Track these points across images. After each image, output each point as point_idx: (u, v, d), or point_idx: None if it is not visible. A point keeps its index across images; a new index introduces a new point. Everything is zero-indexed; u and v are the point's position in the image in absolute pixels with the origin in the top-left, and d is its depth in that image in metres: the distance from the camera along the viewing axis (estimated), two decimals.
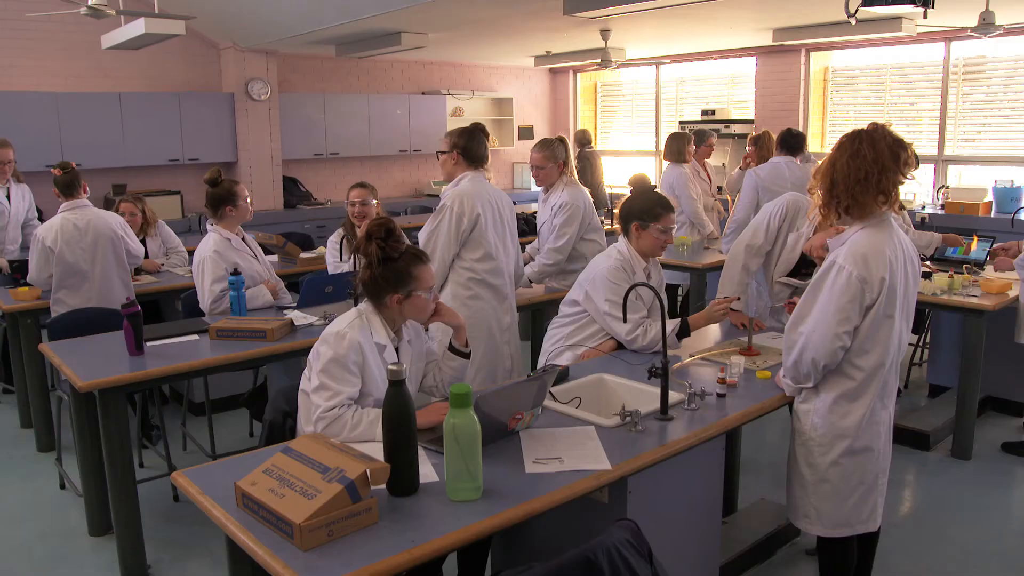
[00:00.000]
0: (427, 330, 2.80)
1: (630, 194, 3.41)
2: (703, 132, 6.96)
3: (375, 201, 4.74)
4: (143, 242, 5.47)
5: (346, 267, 4.69)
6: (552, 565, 1.65)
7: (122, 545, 3.33)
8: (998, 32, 6.12)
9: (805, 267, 3.69)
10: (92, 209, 4.68)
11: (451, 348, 2.78)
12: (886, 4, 4.34)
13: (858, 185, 2.51)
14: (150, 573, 3.39)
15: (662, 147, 10.84)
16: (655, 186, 3.49)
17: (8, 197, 5.48)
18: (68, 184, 4.62)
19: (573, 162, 4.76)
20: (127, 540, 3.32)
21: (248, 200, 4.25)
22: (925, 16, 4.48)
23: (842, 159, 2.55)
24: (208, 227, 4.23)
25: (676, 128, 9.92)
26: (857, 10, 4.38)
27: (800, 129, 9.19)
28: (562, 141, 4.67)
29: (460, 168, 3.82)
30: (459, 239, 3.73)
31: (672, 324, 3.26)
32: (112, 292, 4.62)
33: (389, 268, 2.51)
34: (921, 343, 5.79)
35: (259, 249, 4.42)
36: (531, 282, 4.63)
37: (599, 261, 3.36)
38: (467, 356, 2.78)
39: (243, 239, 4.32)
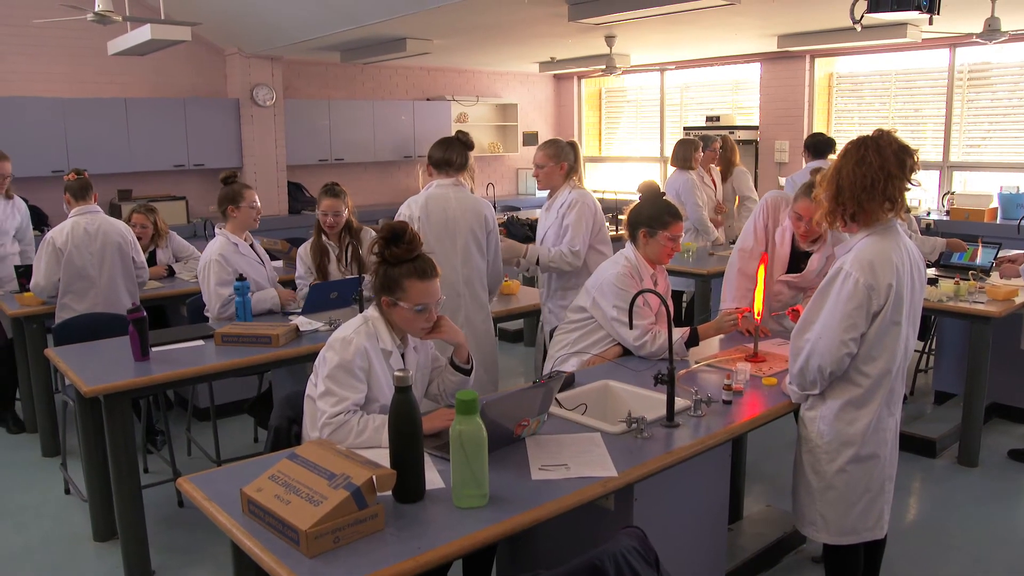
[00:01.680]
0: None
1: (639, 201, 3.41)
2: (708, 138, 6.97)
3: (346, 210, 4.49)
4: (153, 253, 5.49)
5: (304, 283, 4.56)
6: (559, 572, 1.64)
7: (127, 550, 3.33)
8: (1003, 38, 6.11)
9: (802, 260, 3.71)
10: (103, 215, 4.73)
11: (452, 364, 2.77)
12: (891, 10, 4.33)
13: (864, 192, 2.51)
14: None
15: (666, 153, 10.88)
16: (664, 193, 3.48)
17: None
18: (81, 188, 4.70)
19: (582, 168, 4.43)
20: (132, 545, 3.32)
21: (255, 206, 4.24)
22: (931, 22, 4.46)
23: (848, 166, 2.54)
24: (216, 230, 4.24)
25: (681, 134, 9.93)
26: (862, 16, 4.38)
27: (806, 134, 9.23)
28: (571, 144, 4.37)
29: (433, 176, 3.79)
30: None
31: (682, 332, 3.25)
32: (118, 299, 4.63)
33: (386, 272, 2.52)
34: (927, 350, 5.78)
35: (266, 256, 4.43)
36: (527, 267, 4.31)
37: (606, 267, 3.36)
38: (467, 373, 2.77)
39: (252, 245, 4.33)
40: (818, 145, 6.12)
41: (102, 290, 4.62)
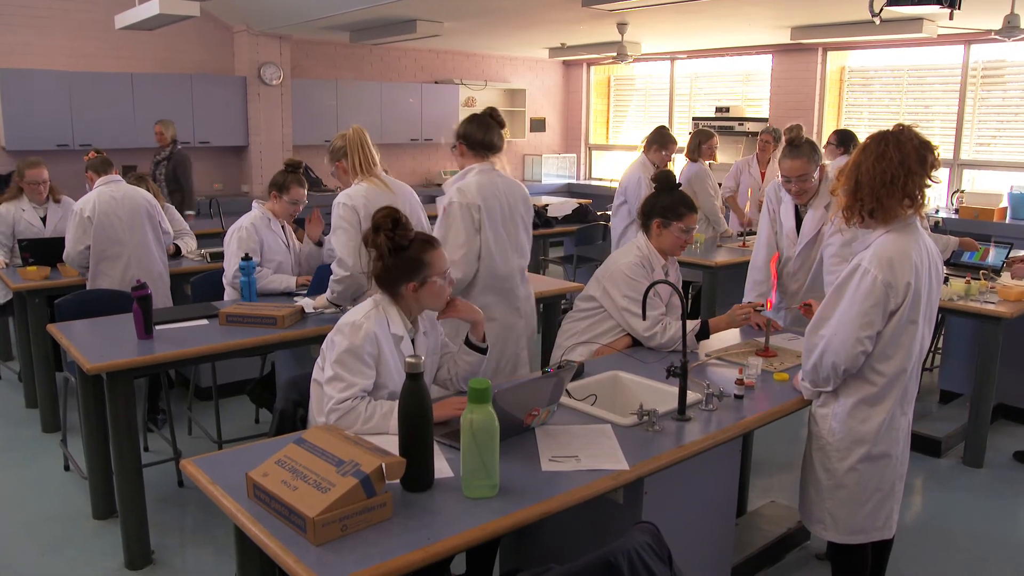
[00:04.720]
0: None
1: (654, 190, 3.36)
2: (774, 130, 6.84)
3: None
4: None
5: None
6: (571, 567, 1.61)
7: (126, 529, 3.30)
8: (1022, 36, 6.05)
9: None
10: (125, 184, 4.83)
11: (468, 343, 2.73)
12: (912, 4, 4.28)
13: (883, 188, 2.46)
14: (154, 558, 3.36)
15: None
16: (679, 184, 3.43)
17: (44, 219, 5.29)
18: (102, 163, 4.87)
19: (371, 157, 3.79)
20: (131, 524, 3.29)
21: (296, 202, 4.23)
22: (951, 17, 4.42)
23: (867, 161, 2.49)
24: (254, 203, 4.30)
25: (689, 124, 9.87)
26: (882, 9, 4.32)
27: (816, 128, 9.16)
28: (356, 135, 3.74)
29: (468, 159, 3.39)
30: (477, 231, 3.28)
31: (693, 325, 3.21)
32: (151, 261, 4.71)
33: (401, 257, 2.46)
34: (933, 348, 5.74)
35: (295, 242, 4.41)
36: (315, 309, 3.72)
37: (618, 257, 3.32)
38: (484, 352, 2.72)
39: (283, 227, 4.33)
40: (844, 140, 5.94)
41: (134, 253, 4.65)
